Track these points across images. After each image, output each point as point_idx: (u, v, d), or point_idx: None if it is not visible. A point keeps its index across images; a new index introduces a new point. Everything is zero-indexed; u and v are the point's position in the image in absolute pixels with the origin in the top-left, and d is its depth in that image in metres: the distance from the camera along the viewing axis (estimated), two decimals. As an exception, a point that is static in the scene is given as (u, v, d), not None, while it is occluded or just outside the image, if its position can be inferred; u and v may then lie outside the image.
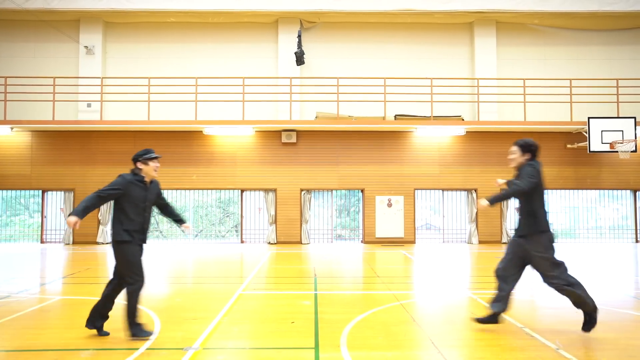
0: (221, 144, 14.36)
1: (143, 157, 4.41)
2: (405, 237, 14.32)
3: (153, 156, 4.44)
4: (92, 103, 14.33)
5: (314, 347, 4.23)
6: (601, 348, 4.21)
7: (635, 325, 5.04)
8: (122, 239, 4.33)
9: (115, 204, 4.40)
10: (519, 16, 14.79)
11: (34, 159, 14.26)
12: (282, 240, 14.34)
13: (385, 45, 15.15)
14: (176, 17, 14.77)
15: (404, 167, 14.49)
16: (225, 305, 5.86)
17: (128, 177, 4.39)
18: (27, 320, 5.18)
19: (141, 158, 4.41)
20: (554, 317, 5.36)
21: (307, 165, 14.38)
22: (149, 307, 5.74)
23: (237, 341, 4.46)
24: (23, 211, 15.82)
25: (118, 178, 4.36)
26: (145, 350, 4.12)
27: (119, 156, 14.29)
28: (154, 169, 4.46)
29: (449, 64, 15.15)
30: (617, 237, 15.18)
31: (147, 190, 4.48)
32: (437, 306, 6.00)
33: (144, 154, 4.43)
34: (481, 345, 4.30)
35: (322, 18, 14.86)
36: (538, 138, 14.51)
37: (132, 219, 4.35)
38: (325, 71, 14.90)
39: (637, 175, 14.63)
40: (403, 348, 4.21)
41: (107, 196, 4.29)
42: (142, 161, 4.41)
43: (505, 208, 14.48)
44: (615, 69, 15.18)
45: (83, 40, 14.68)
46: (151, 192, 4.52)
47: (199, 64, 14.94)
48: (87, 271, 8.90)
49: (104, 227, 14.13)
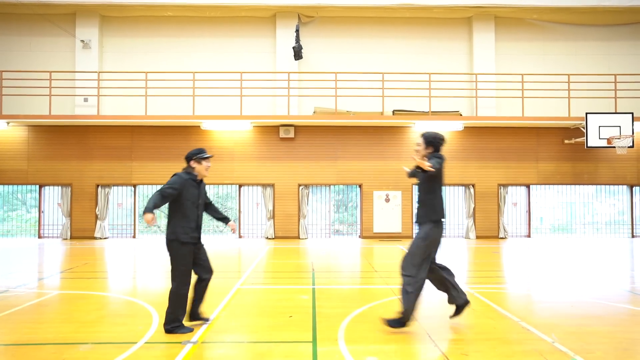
0: (219, 139, 14.34)
1: (196, 156, 4.49)
2: (403, 232, 14.35)
3: (206, 156, 4.53)
4: (89, 98, 14.28)
5: (312, 341, 4.26)
6: (597, 341, 4.25)
7: (631, 319, 5.08)
8: (176, 237, 4.39)
9: (170, 203, 4.43)
10: (518, 11, 14.76)
11: (30, 154, 14.22)
12: (280, 235, 14.36)
13: (384, 40, 15.12)
14: (173, 11, 14.70)
15: (402, 163, 14.43)
16: (224, 299, 5.88)
17: (184, 176, 4.45)
18: (25, 315, 5.19)
19: (195, 157, 4.50)
20: (549, 311, 5.40)
21: (305, 160, 14.37)
22: (147, 302, 5.76)
23: (235, 335, 4.48)
24: (20, 206, 15.78)
25: (175, 177, 4.42)
26: (144, 344, 4.13)
27: (116, 151, 14.27)
28: (206, 168, 4.55)
29: (447, 59, 15.12)
30: (614, 232, 15.24)
31: (200, 189, 4.56)
32: (434, 300, 6.02)
33: (197, 153, 4.51)
34: (478, 339, 4.33)
35: (320, 12, 14.80)
36: (536, 133, 14.57)
37: (188, 216, 4.42)
38: (324, 66, 14.86)
39: (633, 170, 14.69)
40: (400, 342, 4.24)
41: (168, 195, 4.33)
42: (195, 160, 4.50)
43: (503, 204, 14.52)
44: (613, 64, 15.19)
45: (79, 34, 14.60)
46: (202, 190, 4.60)
47: (196, 58, 14.88)
48: (85, 266, 8.90)
49: (101, 222, 14.12)
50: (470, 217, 14.50)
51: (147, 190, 15.28)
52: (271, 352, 3.98)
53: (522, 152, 14.58)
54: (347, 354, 3.88)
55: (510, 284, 7.26)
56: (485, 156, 14.53)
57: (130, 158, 14.29)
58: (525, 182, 14.65)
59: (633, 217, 14.97)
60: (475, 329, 4.64)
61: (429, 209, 4.47)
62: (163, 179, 14.32)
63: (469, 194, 14.50)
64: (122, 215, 14.78)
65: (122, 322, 4.90)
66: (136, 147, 14.31)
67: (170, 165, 14.20)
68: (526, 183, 14.68)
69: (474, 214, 14.48)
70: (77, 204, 14.16)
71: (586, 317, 5.07)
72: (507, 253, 11.13)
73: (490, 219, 14.51)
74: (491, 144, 14.53)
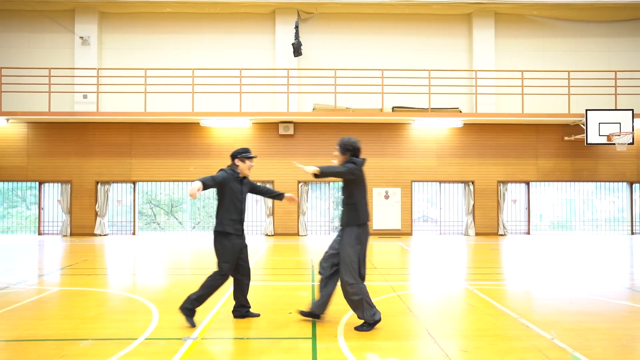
0: (218, 136, 14.33)
1: (241, 154, 4.79)
2: (402, 229, 14.37)
3: (250, 155, 4.83)
4: (88, 94, 14.26)
5: (311, 337, 4.27)
6: (596, 338, 4.26)
7: (630, 315, 5.09)
8: (222, 229, 4.65)
9: (218, 197, 4.73)
10: (518, 7, 14.74)
11: (30, 151, 14.21)
12: (280, 232, 14.37)
13: (383, 37, 15.09)
14: (172, 7, 14.66)
15: (402, 159, 14.50)
16: (223, 296, 5.89)
17: (228, 172, 4.74)
18: (25, 311, 5.19)
19: (240, 155, 4.79)
20: (549, 307, 5.41)
21: (305, 157, 14.36)
22: (147, 298, 5.77)
23: (235, 332, 4.49)
24: (20, 203, 15.78)
25: (221, 172, 4.72)
26: (144, 340, 4.14)
27: (116, 148, 14.26)
28: (248, 167, 4.85)
29: (447, 56, 15.10)
30: (613, 230, 15.26)
31: (243, 184, 4.82)
32: (433, 297, 6.04)
33: (242, 152, 4.81)
34: (477, 335, 4.34)
35: (320, 9, 14.77)
36: (535, 130, 14.57)
37: (232, 210, 4.69)
38: (323, 63, 14.84)
39: (633, 167, 14.69)
40: (400, 338, 4.25)
41: (215, 183, 4.54)
42: (240, 158, 4.79)
43: (503, 201, 14.53)
44: (613, 60, 15.17)
45: (78, 30, 14.56)
46: (245, 185, 4.86)
47: (195, 55, 14.85)
48: (85, 262, 8.91)
49: (101, 219, 14.12)
50: (470, 214, 14.51)
51: (146, 187, 15.28)
52: (271, 348, 3.99)
53: (521, 148, 14.58)
54: (347, 351, 3.89)
55: (510, 280, 7.27)
56: (485, 153, 14.53)
57: (130, 155, 14.28)
58: (525, 179, 14.66)
59: (633, 214, 14.99)
60: (474, 326, 4.65)
61: (353, 213, 4.55)
62: (163, 175, 14.33)
63: (469, 190, 14.51)
64: (122, 212, 14.78)
65: (122, 318, 4.90)
66: (136, 144, 14.29)
67: (170, 162, 14.22)
68: (526, 180, 14.68)
69: (474, 211, 14.49)
70: (76, 201, 14.16)
71: (585, 314, 5.09)
72: (507, 250, 11.15)
73: (489, 216, 14.53)
74: (491, 140, 14.53)
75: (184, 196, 15.79)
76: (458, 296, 6.04)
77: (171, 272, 8.17)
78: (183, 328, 4.51)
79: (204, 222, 16.56)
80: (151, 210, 16.54)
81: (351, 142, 4.71)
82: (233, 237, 4.65)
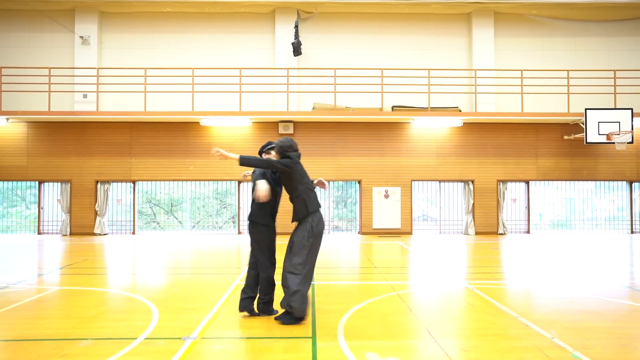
0: (218, 135, 14.32)
1: (266, 148, 4.97)
2: (402, 228, 14.37)
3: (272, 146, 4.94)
4: (88, 94, 14.26)
5: (312, 336, 4.27)
6: (596, 337, 4.26)
7: (630, 314, 5.10)
8: (254, 219, 4.93)
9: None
10: (518, 6, 14.73)
11: (30, 150, 14.20)
12: (279, 231, 14.26)
13: (383, 36, 15.08)
14: (172, 7, 14.65)
15: (401, 159, 14.50)
16: (223, 295, 5.89)
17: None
18: (25, 311, 5.19)
19: (265, 149, 4.97)
20: (549, 306, 5.41)
21: (304, 157, 14.15)
22: (147, 298, 5.77)
23: (235, 331, 4.49)
24: (20, 202, 15.78)
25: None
26: (143, 339, 4.14)
27: (116, 147, 14.25)
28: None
29: (447, 55, 15.09)
30: (613, 228, 15.27)
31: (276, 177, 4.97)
32: (433, 296, 6.04)
33: (267, 145, 4.99)
34: (477, 335, 4.34)
35: (319, 8, 14.76)
36: (535, 129, 14.57)
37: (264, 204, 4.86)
38: (323, 62, 14.83)
39: (633, 166, 14.70)
40: (400, 337, 4.25)
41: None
42: (266, 152, 4.97)
43: (502, 200, 14.53)
44: (613, 60, 15.17)
45: (78, 30, 14.55)
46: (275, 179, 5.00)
47: (195, 54, 14.84)
48: (85, 262, 8.91)
49: (101, 219, 14.12)
50: (470, 213, 14.51)
51: (146, 186, 15.28)
52: (271, 347, 3.99)
53: (521, 148, 14.58)
54: (347, 350, 3.89)
55: (510, 279, 7.28)
56: (485, 152, 14.53)
57: (130, 154, 14.28)
58: (525, 178, 14.66)
59: (632, 213, 14.99)
60: (474, 325, 4.66)
61: (301, 204, 4.77)
62: (162, 175, 14.33)
63: (468, 190, 14.51)
64: (122, 212, 14.78)
65: (122, 317, 4.90)
66: (135, 143, 14.29)
67: (170, 161, 14.21)
68: (525, 179, 14.69)
69: (473, 210, 14.50)
70: (76, 200, 14.16)
71: (585, 313, 5.09)
72: (506, 249, 11.15)
73: (489, 215, 14.53)
74: (490, 139, 14.53)
75: (184, 195, 15.78)
76: (458, 295, 6.04)
77: (171, 272, 8.17)
78: (183, 327, 4.50)
79: (204, 222, 16.56)
80: (151, 209, 16.53)
81: (285, 143, 4.82)
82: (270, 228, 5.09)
